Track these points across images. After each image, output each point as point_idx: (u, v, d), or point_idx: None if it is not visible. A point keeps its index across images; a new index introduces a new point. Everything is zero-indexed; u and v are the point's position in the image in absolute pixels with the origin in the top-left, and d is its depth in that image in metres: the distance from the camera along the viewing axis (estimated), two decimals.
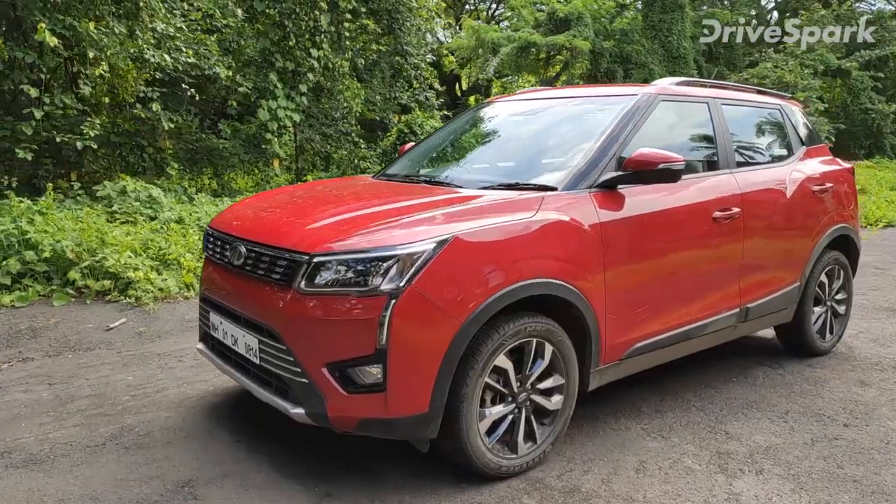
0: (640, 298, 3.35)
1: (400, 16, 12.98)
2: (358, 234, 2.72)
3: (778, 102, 4.56)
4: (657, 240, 3.40)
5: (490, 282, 2.72)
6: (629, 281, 3.27)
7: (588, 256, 3.07)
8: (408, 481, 2.89)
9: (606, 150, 3.32)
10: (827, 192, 4.45)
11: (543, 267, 2.89)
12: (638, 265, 3.31)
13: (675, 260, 3.49)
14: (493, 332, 2.79)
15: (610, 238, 3.15)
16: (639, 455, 3.18)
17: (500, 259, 2.77)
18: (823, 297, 4.61)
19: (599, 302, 3.13)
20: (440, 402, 2.66)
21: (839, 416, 3.65)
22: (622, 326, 3.27)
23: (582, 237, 3.05)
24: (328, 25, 11.65)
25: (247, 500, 2.74)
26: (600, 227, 3.12)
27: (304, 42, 11.61)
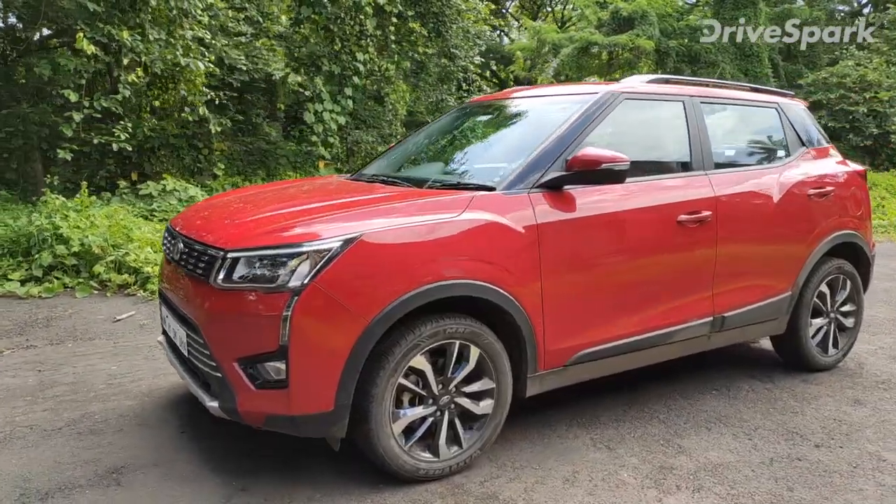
0: (586, 303, 3.23)
1: (447, 18, 13.00)
2: (272, 232, 2.75)
3: (775, 101, 4.29)
4: (606, 243, 3.27)
5: (400, 281, 2.69)
6: (571, 285, 3.16)
7: (520, 258, 2.98)
8: (327, 479, 2.90)
9: (553, 150, 3.22)
10: (827, 196, 4.16)
11: (464, 268, 2.83)
12: (582, 269, 3.20)
13: (627, 264, 3.35)
14: (408, 332, 2.76)
15: (548, 240, 3.06)
16: (575, 465, 3.07)
17: (412, 259, 2.73)
18: (824, 308, 4.31)
19: (534, 306, 3.04)
20: (346, 401, 2.65)
21: (814, 436, 3.41)
22: (564, 332, 3.16)
23: (513, 238, 2.97)
24: (374, 29, 11.82)
25: (165, 489, 2.82)
26: (537, 229, 3.03)
27: (351, 46, 11.82)
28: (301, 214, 2.92)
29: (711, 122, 3.92)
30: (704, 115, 3.82)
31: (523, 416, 3.53)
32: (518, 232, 2.98)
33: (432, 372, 2.86)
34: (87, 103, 7.41)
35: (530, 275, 3.01)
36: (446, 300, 2.85)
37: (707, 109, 3.89)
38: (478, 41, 14.35)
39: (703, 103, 3.87)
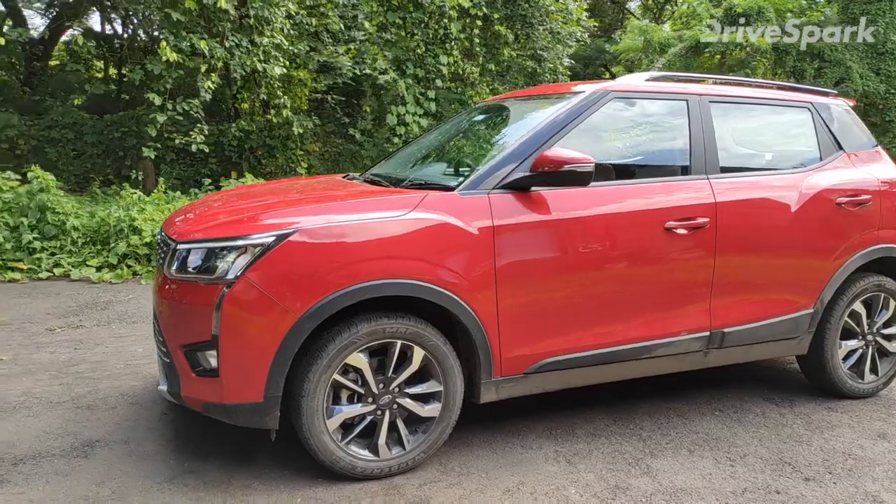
0: (549, 310, 3.10)
1: (534, 20, 12.85)
2: (218, 225, 2.86)
3: (808, 101, 3.91)
4: (574, 248, 3.12)
5: (335, 278, 2.70)
6: (532, 290, 3.05)
7: (471, 260, 2.91)
8: (271, 469, 2.97)
9: (520, 150, 3.12)
10: (864, 206, 3.74)
11: (404, 267, 2.80)
12: (546, 273, 3.07)
13: (600, 271, 3.17)
14: (344, 328, 2.77)
15: (505, 242, 2.97)
16: (524, 477, 2.96)
17: (347, 256, 2.74)
18: (858, 329, 3.89)
19: (488, 310, 2.95)
20: (275, 393, 2.70)
21: (809, 469, 3.09)
22: (523, 338, 3.06)
23: (463, 239, 2.90)
24: (458, 33, 11.90)
25: (121, 464, 2.99)
26: (492, 230, 2.95)
27: (435, 49, 11.97)
28: (255, 210, 3.01)
29: (724, 123, 3.65)
30: (713, 116, 3.56)
31: (493, 423, 3.46)
32: (470, 233, 2.92)
33: (371, 370, 2.85)
34: (170, 106, 7.98)
35: (483, 277, 2.94)
36: (393, 299, 2.85)
37: (718, 109, 3.62)
38: (569, 42, 14.04)
39: (714, 102, 3.60)
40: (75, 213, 7.15)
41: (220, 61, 8.00)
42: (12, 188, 7.10)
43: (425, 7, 11.49)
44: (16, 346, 4.65)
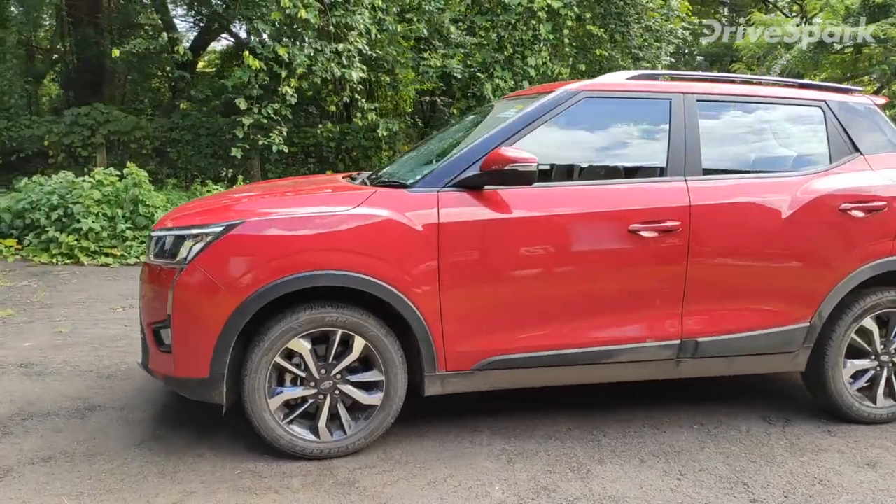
0: (497, 308, 3.13)
1: (630, 19, 12.51)
2: (186, 216, 3.16)
3: (822, 99, 3.64)
4: (525, 247, 3.12)
5: (276, 267, 2.90)
6: (478, 287, 3.10)
7: (414, 255, 3.01)
8: (231, 442, 3.21)
9: (477, 149, 3.18)
10: (876, 213, 3.44)
11: (345, 260, 2.95)
12: (494, 271, 3.10)
13: (554, 271, 3.16)
14: (285, 315, 2.97)
15: (450, 239, 3.04)
16: (455, 470, 3.01)
17: (291, 247, 2.92)
18: (869, 348, 3.57)
19: (430, 304, 3.04)
20: (220, 371, 2.94)
21: (762, 491, 2.91)
22: (467, 334, 3.11)
23: (407, 235, 3.01)
24: (547, 34, 11.84)
25: (106, 426, 3.37)
26: (437, 227, 3.04)
27: (523, 51, 11.99)
28: (225, 203, 3.29)
29: (714, 124, 3.50)
30: (700, 116, 3.42)
31: (452, 418, 3.53)
32: (415, 229, 3.02)
33: (313, 356, 3.03)
34: (256, 110, 8.59)
35: (426, 273, 3.03)
36: (344, 289, 3.01)
37: (708, 109, 3.48)
38: (671, 40, 13.52)
39: (703, 101, 3.46)
40: (164, 206, 7.89)
41: (300, 67, 8.49)
42: (112, 182, 7.96)
43: (513, 9, 11.53)
44: (79, 321, 5.27)
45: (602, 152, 3.51)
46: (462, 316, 3.10)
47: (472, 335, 3.13)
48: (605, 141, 3.51)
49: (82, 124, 13.06)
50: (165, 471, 2.96)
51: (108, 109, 13.29)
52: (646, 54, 12.99)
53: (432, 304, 3.05)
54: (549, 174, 3.67)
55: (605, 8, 12.62)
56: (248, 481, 2.89)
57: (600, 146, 3.49)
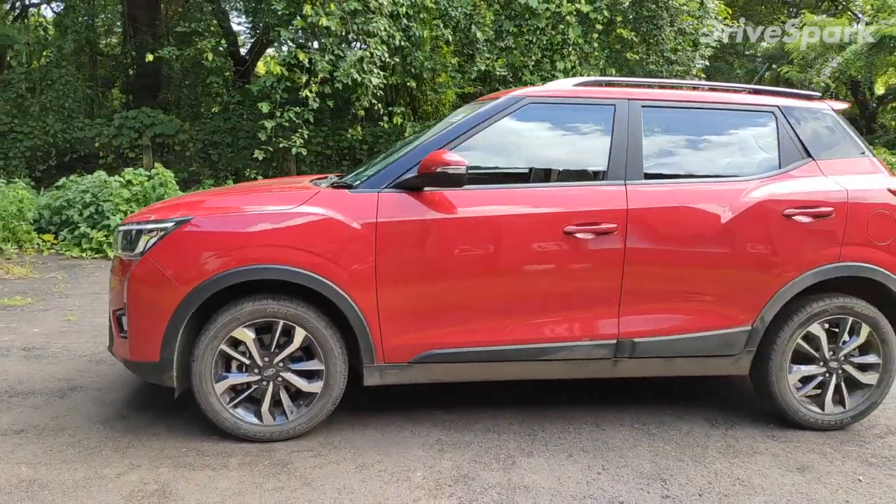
0: (434, 304, 3.28)
1: (662, 22, 12.40)
2: (146, 212, 3.42)
3: (775, 105, 3.65)
4: (461, 246, 3.26)
5: (219, 260, 3.12)
6: (415, 284, 3.25)
7: (352, 252, 3.19)
8: (188, 423, 3.44)
9: (419, 152, 3.34)
10: (824, 219, 3.44)
11: (285, 255, 3.15)
12: (429, 269, 3.25)
13: (488, 270, 3.29)
14: (231, 305, 3.19)
15: (387, 237, 3.21)
16: (385, 456, 3.18)
17: (234, 242, 3.14)
18: (817, 354, 3.56)
19: (367, 298, 3.21)
20: (169, 356, 3.18)
21: (678, 489, 2.96)
22: (403, 328, 3.27)
23: (345, 233, 3.19)
24: (577, 38, 11.86)
25: (83, 406, 3.67)
26: (375, 226, 3.21)
27: (552, 55, 12.04)
28: (187, 200, 3.54)
29: (660, 129, 3.58)
30: (644, 121, 3.49)
31: (400, 409, 3.69)
32: (353, 228, 3.20)
33: (256, 345, 3.24)
34: (278, 113, 8.95)
35: (363, 269, 3.20)
36: (283, 282, 3.21)
37: (653, 114, 3.55)
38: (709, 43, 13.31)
39: (648, 108, 3.53)
40: None
41: (321, 73, 8.80)
42: (140, 182, 8.42)
43: (541, 14, 11.60)
44: (88, 310, 5.65)
45: (546, 156, 3.63)
46: (399, 311, 3.26)
47: (408, 329, 3.28)
48: (549, 145, 3.62)
49: (130, 127, 13.76)
50: (119, 446, 3.22)
51: (154, 113, 13.95)
52: (679, 58, 12.85)
53: (369, 299, 3.22)
54: (493, 177, 3.78)
55: (637, 11, 12.56)
56: (191, 458, 3.12)
57: (544, 150, 3.60)
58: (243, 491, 2.85)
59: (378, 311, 3.24)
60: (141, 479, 2.92)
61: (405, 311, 3.27)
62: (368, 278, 3.21)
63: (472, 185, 3.38)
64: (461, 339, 3.31)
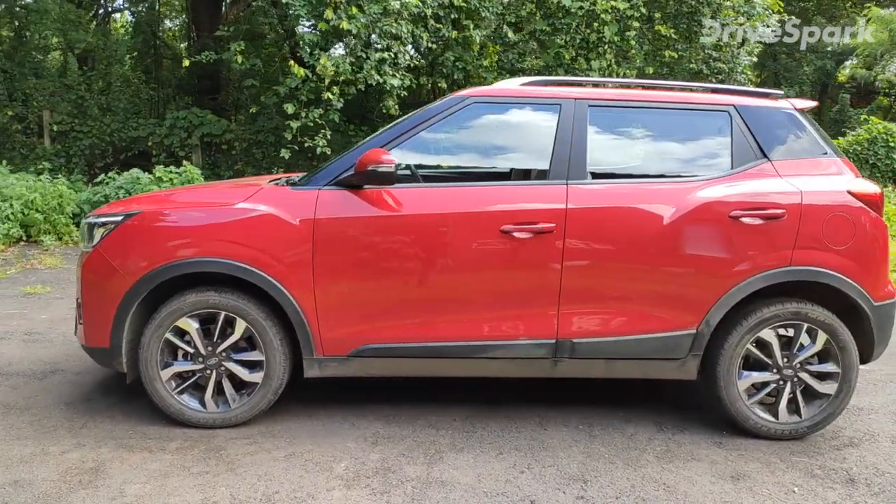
0: (370, 299, 3.34)
1: (702, 18, 12.04)
2: (106, 206, 3.62)
3: (729, 103, 3.55)
4: (397, 243, 3.32)
5: (163, 253, 3.28)
6: (352, 279, 3.33)
7: (289, 247, 3.29)
8: (143, 408, 3.61)
9: (359, 151, 3.41)
10: (775, 221, 3.33)
11: (224, 249, 3.27)
12: (366, 265, 3.32)
13: (424, 267, 3.33)
14: (175, 296, 3.35)
15: (324, 233, 3.29)
16: (317, 448, 3.26)
17: (177, 235, 3.30)
18: (770, 361, 3.45)
19: (305, 292, 3.31)
20: (118, 343, 3.36)
21: (591, 489, 2.93)
22: (341, 322, 3.35)
23: (283, 229, 3.30)
24: (612, 36, 11.69)
25: (57, 388, 3.92)
26: (313, 223, 3.30)
27: (588, 54, 11.91)
28: (143, 196, 3.72)
29: (607, 129, 3.54)
30: (590, 121, 3.46)
31: (346, 403, 3.78)
32: (291, 223, 3.30)
33: (199, 335, 3.38)
34: (303, 114, 9.19)
35: (301, 264, 3.30)
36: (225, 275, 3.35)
37: (602, 114, 3.51)
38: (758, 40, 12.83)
39: (595, 107, 3.50)
40: None
41: (344, 74, 8.98)
42: (170, 179, 8.81)
43: (574, 13, 11.48)
44: None
45: (489, 155, 3.64)
46: (336, 305, 3.34)
47: (346, 324, 3.36)
48: (493, 144, 3.63)
49: (180, 127, 14.35)
50: (74, 426, 3.42)
51: (202, 113, 14.51)
52: (723, 56, 12.46)
53: (307, 293, 3.32)
54: (435, 177, 3.82)
55: (676, 7, 12.26)
56: (133, 441, 3.29)
57: (488, 149, 3.62)
58: (169, 473, 2.99)
59: (316, 305, 3.33)
60: (81, 458, 3.10)
61: (342, 305, 3.35)
62: (306, 273, 3.30)
63: (413, 184, 3.44)
64: (399, 335, 3.36)
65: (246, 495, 2.83)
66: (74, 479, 2.91)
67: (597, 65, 11.85)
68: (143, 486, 2.87)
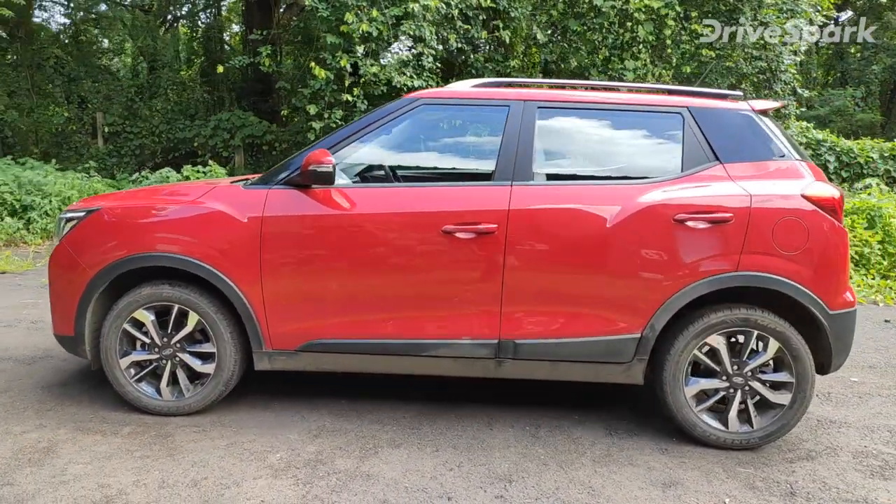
0: (316, 295, 3.42)
1: (742, 15, 11.69)
2: (77, 203, 3.82)
3: (683, 104, 3.47)
4: (341, 241, 3.37)
5: (120, 247, 3.45)
6: (295, 275, 3.42)
7: (237, 243, 3.40)
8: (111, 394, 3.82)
9: (308, 152, 3.51)
10: (721, 225, 3.25)
11: (175, 244, 3.41)
12: (309, 261, 3.40)
13: (366, 264, 3.39)
14: (134, 288, 3.52)
15: (271, 230, 3.40)
16: (259, 437, 3.36)
17: (132, 230, 3.46)
18: (719, 368, 3.37)
19: (253, 287, 3.42)
20: (81, 331, 3.54)
21: (518, 492, 2.93)
22: (288, 317, 3.45)
23: (232, 225, 3.42)
24: (647, 35, 11.50)
25: (41, 372, 4.16)
26: (261, 220, 3.41)
27: (620, 54, 11.75)
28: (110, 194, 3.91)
29: (554, 130, 3.53)
30: (538, 122, 3.46)
31: (304, 397, 3.87)
32: (240, 220, 3.42)
33: (155, 326, 3.54)
34: (326, 115, 9.40)
35: (248, 259, 3.41)
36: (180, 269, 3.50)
37: (551, 116, 3.51)
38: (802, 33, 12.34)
39: (543, 108, 3.49)
40: None
41: (364, 77, 9.15)
42: (197, 178, 9.14)
43: (606, 13, 11.35)
44: None
45: (439, 156, 3.67)
46: (283, 300, 3.44)
47: (294, 318, 3.46)
48: (443, 145, 3.66)
49: (223, 128, 14.85)
50: (42, 409, 3.63)
51: (244, 115, 14.98)
52: (763, 55, 12.06)
53: (255, 288, 3.43)
54: (383, 177, 3.87)
55: (714, 5, 11.94)
56: (91, 424, 3.47)
57: (438, 150, 3.65)
58: (113, 456, 3.14)
59: (264, 299, 3.43)
60: (38, 438, 3.29)
61: (289, 300, 3.44)
62: (254, 269, 3.41)
63: (361, 184, 3.51)
64: (345, 332, 3.44)
65: (175, 479, 2.95)
66: (25, 458, 3.09)
67: (631, 65, 11.67)
68: (85, 467, 3.03)
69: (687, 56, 12.15)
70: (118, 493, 2.83)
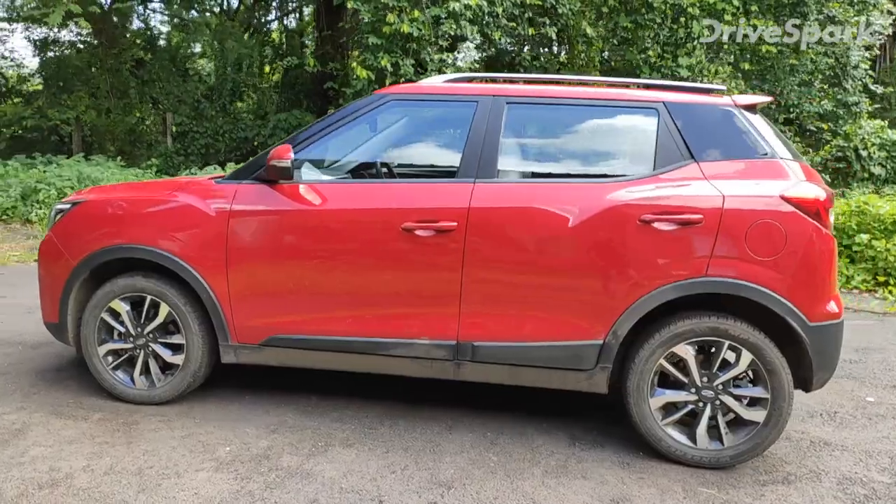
0: (278, 290, 3.44)
1: (807, 9, 11.04)
2: (70, 195, 3.99)
3: (658, 100, 3.28)
4: (299, 237, 3.39)
5: (98, 238, 3.58)
6: (259, 269, 3.45)
7: (205, 236, 3.46)
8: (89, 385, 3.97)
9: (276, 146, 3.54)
10: (690, 227, 3.06)
11: (148, 237, 3.51)
12: (273, 257, 3.42)
13: (326, 262, 3.38)
14: (110, 278, 3.64)
15: (238, 225, 3.44)
16: (218, 430, 3.40)
17: (109, 223, 3.59)
18: (686, 380, 3.16)
19: (219, 281, 3.47)
20: (65, 319, 3.69)
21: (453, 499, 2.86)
22: (252, 311, 3.48)
23: (201, 219, 3.48)
24: (700, 30, 11.06)
25: (39, 358, 4.36)
26: (228, 214, 3.47)
27: (674, 51, 11.37)
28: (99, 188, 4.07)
29: (523, 126, 3.44)
30: (505, 118, 3.35)
31: (280, 391, 3.90)
32: (208, 214, 3.49)
33: (129, 316, 3.65)
34: None
35: (215, 252, 3.46)
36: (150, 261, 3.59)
37: (520, 112, 3.40)
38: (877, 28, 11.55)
39: (512, 104, 3.38)
40: None
41: (403, 77, 9.18)
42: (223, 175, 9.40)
43: (658, 9, 10.99)
44: None
45: (404, 153, 3.62)
46: (247, 294, 3.47)
47: (257, 312, 3.49)
48: (411, 142, 3.60)
49: (282, 128, 15.26)
50: (29, 392, 3.81)
51: (301, 115, 15.35)
52: (828, 50, 11.38)
53: (221, 281, 3.48)
54: (350, 173, 3.83)
55: None
56: (67, 409, 3.61)
57: (404, 147, 3.60)
58: (75, 440, 3.26)
59: (229, 293, 3.48)
60: (14, 420, 3.45)
61: (253, 294, 3.47)
62: (220, 262, 3.46)
63: (326, 180, 3.50)
64: (305, 328, 3.44)
65: (123, 467, 3.02)
66: None
67: (685, 62, 11.27)
68: (45, 450, 3.15)
69: (746, 53, 11.59)
70: (65, 477, 2.92)
